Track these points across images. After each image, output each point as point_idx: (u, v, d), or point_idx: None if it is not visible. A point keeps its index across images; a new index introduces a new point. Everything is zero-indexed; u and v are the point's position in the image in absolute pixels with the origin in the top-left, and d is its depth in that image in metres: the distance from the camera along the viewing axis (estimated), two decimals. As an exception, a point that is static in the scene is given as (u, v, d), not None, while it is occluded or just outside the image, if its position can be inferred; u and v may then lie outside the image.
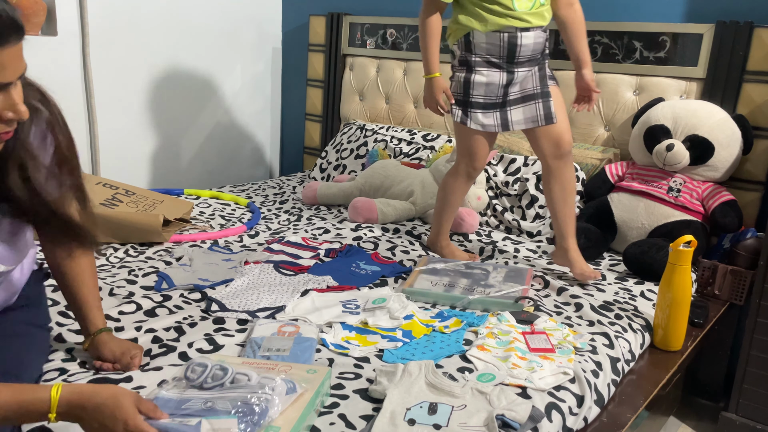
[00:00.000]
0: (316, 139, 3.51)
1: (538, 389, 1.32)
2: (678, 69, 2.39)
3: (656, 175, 2.29)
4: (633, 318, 1.75)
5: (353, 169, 2.99)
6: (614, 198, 2.34)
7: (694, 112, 2.23)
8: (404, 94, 3.11)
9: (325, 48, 3.36)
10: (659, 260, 1.98)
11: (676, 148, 2.20)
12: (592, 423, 1.34)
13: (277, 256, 2.05)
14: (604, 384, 1.43)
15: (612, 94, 2.53)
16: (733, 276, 2.08)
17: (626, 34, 2.48)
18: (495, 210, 2.55)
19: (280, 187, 3.09)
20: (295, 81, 3.64)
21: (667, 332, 1.71)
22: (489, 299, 1.74)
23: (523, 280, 1.88)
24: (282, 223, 2.51)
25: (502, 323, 1.60)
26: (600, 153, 2.52)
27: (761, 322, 1.89)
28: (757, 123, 2.24)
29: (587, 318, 1.72)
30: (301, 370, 1.25)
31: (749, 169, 2.28)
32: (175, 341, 1.46)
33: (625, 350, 1.59)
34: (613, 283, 2.02)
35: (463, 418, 1.19)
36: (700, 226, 2.18)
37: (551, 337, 1.55)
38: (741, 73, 2.26)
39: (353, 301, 1.71)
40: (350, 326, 1.57)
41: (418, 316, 1.64)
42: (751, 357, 1.92)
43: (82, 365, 1.33)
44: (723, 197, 2.19)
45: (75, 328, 1.47)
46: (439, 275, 1.90)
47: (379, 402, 1.23)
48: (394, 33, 3.12)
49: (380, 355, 1.45)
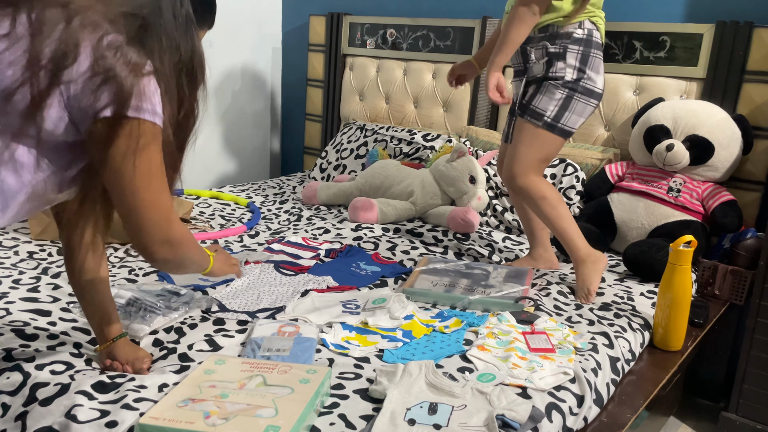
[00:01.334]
0: (316, 139, 3.51)
1: (538, 389, 1.32)
2: (678, 69, 2.39)
3: (656, 175, 2.29)
4: (632, 317, 1.75)
5: (353, 169, 2.99)
6: (614, 198, 2.34)
7: (694, 112, 2.23)
8: (404, 94, 3.11)
9: (325, 48, 3.36)
10: (659, 260, 1.98)
11: (676, 148, 2.20)
12: (592, 423, 1.34)
13: (277, 256, 2.05)
14: (604, 384, 1.43)
15: (612, 94, 2.53)
16: (733, 276, 2.08)
17: (626, 33, 2.48)
18: (495, 210, 2.55)
19: (280, 187, 3.09)
20: (295, 81, 3.64)
21: (668, 332, 1.71)
22: (489, 299, 1.74)
23: (523, 280, 1.88)
24: (282, 223, 2.51)
25: (503, 323, 1.60)
26: (600, 153, 2.52)
27: (761, 322, 1.89)
28: (757, 123, 2.24)
29: (587, 318, 1.72)
30: (301, 370, 1.25)
31: (749, 169, 2.28)
32: (175, 343, 1.46)
33: (625, 350, 1.59)
34: (613, 283, 2.02)
35: (463, 418, 1.19)
36: (700, 226, 2.18)
37: (551, 337, 1.55)
38: (741, 73, 2.26)
39: (353, 302, 1.71)
40: (350, 326, 1.57)
41: (419, 316, 1.64)
42: (752, 357, 1.92)
43: (88, 363, 1.34)
44: (723, 197, 2.19)
45: (78, 326, 1.47)
46: (440, 275, 1.90)
47: (379, 402, 1.23)
48: (394, 33, 3.12)
49: (380, 355, 1.45)
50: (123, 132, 0.97)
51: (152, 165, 1.02)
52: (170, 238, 1.08)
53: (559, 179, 2.47)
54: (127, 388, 1.20)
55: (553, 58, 1.82)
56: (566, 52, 1.81)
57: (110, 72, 0.94)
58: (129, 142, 0.98)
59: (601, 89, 1.87)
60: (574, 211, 2.42)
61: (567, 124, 1.85)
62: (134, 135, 0.98)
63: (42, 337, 1.41)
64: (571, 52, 1.81)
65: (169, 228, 1.08)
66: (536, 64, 1.86)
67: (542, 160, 1.90)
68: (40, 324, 1.48)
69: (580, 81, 1.82)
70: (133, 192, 1.01)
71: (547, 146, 1.88)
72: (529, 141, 1.87)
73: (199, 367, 1.26)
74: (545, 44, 1.83)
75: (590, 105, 1.86)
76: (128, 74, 0.95)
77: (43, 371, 1.26)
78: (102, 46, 0.94)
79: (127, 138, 0.97)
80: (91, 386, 1.19)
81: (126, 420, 1.11)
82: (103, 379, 1.23)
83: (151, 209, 1.04)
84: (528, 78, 1.89)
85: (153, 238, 1.06)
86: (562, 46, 1.81)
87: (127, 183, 1.00)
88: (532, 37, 1.85)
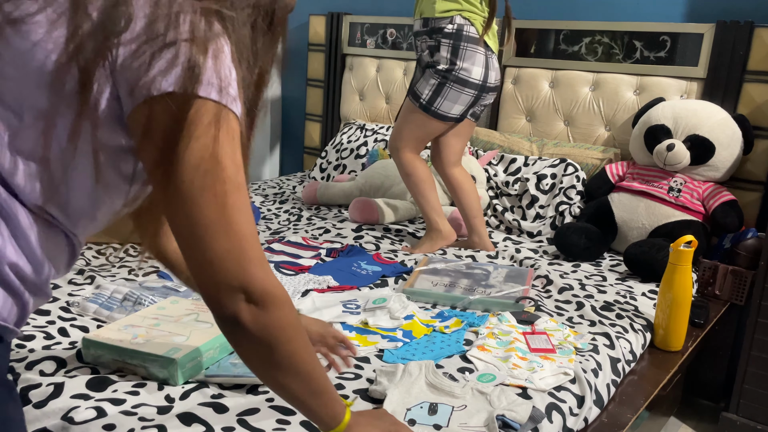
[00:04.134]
0: (316, 139, 3.51)
1: (538, 389, 1.32)
2: (678, 69, 2.39)
3: (657, 175, 2.28)
4: (634, 318, 1.75)
5: (353, 169, 2.99)
6: (615, 198, 2.34)
7: (695, 112, 2.23)
8: (404, 93, 3.11)
9: (325, 48, 3.36)
10: (660, 260, 1.97)
11: (677, 148, 2.20)
12: (592, 423, 1.34)
13: (277, 256, 2.05)
14: (604, 384, 1.43)
15: (612, 93, 2.53)
16: (733, 276, 2.08)
17: (627, 33, 2.48)
18: (495, 210, 2.55)
19: (280, 187, 3.08)
20: (295, 81, 3.64)
21: (668, 332, 1.70)
22: (490, 299, 1.74)
23: (523, 280, 1.87)
24: (282, 223, 2.50)
25: (503, 323, 1.60)
26: (600, 153, 2.52)
27: (762, 322, 1.89)
28: (758, 123, 2.24)
29: (588, 318, 1.72)
30: None
31: (750, 169, 2.28)
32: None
33: (626, 350, 1.59)
34: (614, 283, 2.02)
35: (463, 418, 1.18)
36: (701, 226, 2.17)
37: (552, 337, 1.55)
38: (741, 73, 2.25)
39: (354, 301, 1.71)
40: (350, 326, 1.57)
41: (419, 316, 1.64)
42: (752, 357, 1.91)
43: (78, 358, 1.33)
44: (723, 197, 2.19)
45: (79, 324, 1.47)
46: (440, 275, 1.90)
47: (379, 402, 1.23)
48: (394, 33, 3.12)
49: (380, 355, 1.45)
50: (183, 118, 0.69)
51: (223, 169, 0.72)
52: (250, 285, 0.73)
53: (559, 179, 2.47)
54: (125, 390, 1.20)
55: (432, 49, 2.10)
56: (440, 45, 2.06)
57: (171, 38, 0.69)
58: (195, 132, 0.69)
59: (478, 79, 2.07)
60: (575, 211, 2.42)
61: (440, 108, 2.09)
62: (201, 122, 0.70)
63: (39, 338, 1.40)
64: (443, 45, 2.05)
65: (248, 267, 0.73)
66: (422, 54, 2.15)
67: (418, 138, 2.16)
68: (38, 323, 1.48)
69: (452, 71, 2.05)
70: (196, 209, 0.71)
71: (423, 126, 2.13)
72: (407, 117, 2.16)
73: (155, 304, 1.47)
74: (425, 38, 2.11)
75: (465, 93, 2.08)
76: (196, 39, 0.69)
77: (32, 371, 1.25)
78: (160, 3, 0.70)
79: (193, 126, 0.69)
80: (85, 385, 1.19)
81: (124, 424, 1.10)
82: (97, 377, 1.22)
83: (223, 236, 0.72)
84: (421, 65, 2.18)
85: (223, 279, 0.72)
86: (436, 40, 2.07)
87: (185, 192, 0.70)
88: (419, 30, 2.13)
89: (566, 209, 2.42)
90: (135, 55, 0.68)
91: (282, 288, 0.78)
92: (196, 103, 0.69)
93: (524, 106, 2.76)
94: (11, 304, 0.73)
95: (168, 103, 0.68)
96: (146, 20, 0.69)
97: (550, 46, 2.68)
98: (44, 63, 0.69)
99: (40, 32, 0.69)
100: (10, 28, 0.70)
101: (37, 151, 0.71)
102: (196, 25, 0.70)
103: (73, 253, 0.82)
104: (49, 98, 0.69)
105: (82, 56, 0.68)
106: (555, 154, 2.58)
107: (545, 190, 2.48)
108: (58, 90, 0.69)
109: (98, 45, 0.68)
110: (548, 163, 2.53)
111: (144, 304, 1.55)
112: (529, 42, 2.74)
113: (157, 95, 0.68)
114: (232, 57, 0.73)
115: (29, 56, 0.69)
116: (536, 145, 2.65)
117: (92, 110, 0.70)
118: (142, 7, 0.69)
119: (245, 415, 1.15)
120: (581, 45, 2.58)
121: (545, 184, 2.48)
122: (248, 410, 1.16)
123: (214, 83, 0.70)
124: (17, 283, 0.73)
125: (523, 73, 2.75)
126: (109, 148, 0.73)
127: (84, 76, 0.68)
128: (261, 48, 0.79)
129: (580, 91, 2.60)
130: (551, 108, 2.68)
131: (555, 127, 2.69)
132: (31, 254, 0.73)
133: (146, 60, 0.68)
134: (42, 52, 0.69)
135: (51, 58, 0.69)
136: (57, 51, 0.69)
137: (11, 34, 0.70)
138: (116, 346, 1.26)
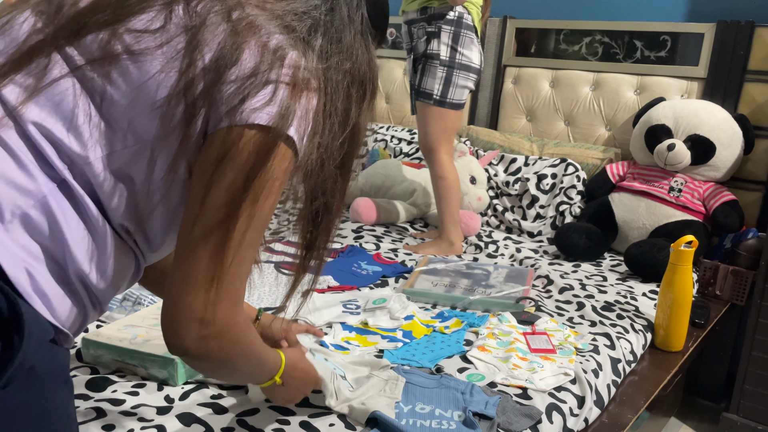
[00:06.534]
0: (317, 139, 3.51)
1: (538, 390, 1.32)
2: (679, 68, 2.39)
3: (657, 175, 2.28)
4: (635, 318, 1.75)
5: (353, 169, 2.98)
6: (615, 198, 2.34)
7: (695, 112, 2.23)
8: (404, 93, 3.11)
9: (325, 48, 3.35)
10: (660, 260, 1.97)
11: (678, 148, 2.20)
12: (592, 424, 1.34)
13: (277, 256, 2.05)
14: (604, 384, 1.43)
15: (613, 93, 2.52)
16: (734, 276, 2.08)
17: (627, 33, 2.48)
18: (496, 210, 2.55)
19: (280, 187, 3.08)
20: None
21: (668, 333, 1.70)
22: (490, 300, 1.74)
23: (524, 280, 1.87)
24: (282, 223, 2.50)
25: (503, 324, 1.59)
26: (601, 153, 2.52)
27: (762, 322, 1.88)
28: (759, 123, 2.24)
29: (589, 318, 1.72)
30: None
31: (750, 168, 2.27)
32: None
33: (627, 351, 1.59)
34: (615, 283, 2.02)
35: None
36: (702, 226, 2.17)
37: (552, 337, 1.55)
38: (742, 73, 2.25)
39: (353, 302, 1.70)
40: (350, 326, 1.57)
41: (419, 316, 1.64)
42: (753, 357, 1.91)
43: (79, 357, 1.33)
44: (724, 197, 2.19)
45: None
46: (440, 276, 1.90)
47: None
48: (394, 32, 3.12)
49: (380, 355, 1.45)
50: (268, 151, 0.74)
51: (263, 208, 0.78)
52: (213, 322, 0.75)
53: (560, 179, 2.46)
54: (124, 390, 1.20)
55: (430, 36, 2.11)
56: (440, 32, 2.09)
57: (272, 78, 0.74)
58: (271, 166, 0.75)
59: (478, 64, 2.15)
60: (575, 211, 2.42)
61: (454, 98, 2.13)
62: (280, 160, 0.75)
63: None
64: (444, 31, 2.08)
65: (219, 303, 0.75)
66: (419, 41, 2.16)
67: (445, 133, 2.18)
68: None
69: (455, 58, 2.10)
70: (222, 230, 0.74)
71: (443, 120, 2.16)
72: (426, 120, 2.17)
73: (155, 304, 1.47)
74: (423, 24, 2.12)
75: (469, 79, 2.15)
76: (293, 83, 0.75)
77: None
78: (268, 48, 0.75)
79: (271, 161, 0.75)
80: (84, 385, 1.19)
81: (123, 425, 1.10)
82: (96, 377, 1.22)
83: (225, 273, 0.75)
84: (414, 55, 2.19)
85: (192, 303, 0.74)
86: (437, 26, 2.09)
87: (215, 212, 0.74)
88: (415, 18, 2.14)
89: (567, 209, 2.42)
90: (237, 91, 0.73)
91: (238, 318, 0.79)
92: (281, 141, 0.75)
93: (524, 105, 2.76)
94: (75, 314, 0.76)
95: (257, 134, 0.73)
96: (253, 64, 0.74)
97: (551, 46, 2.68)
98: (155, 95, 0.74)
99: (156, 66, 0.74)
100: (129, 58, 0.74)
101: (136, 173, 0.75)
102: (297, 73, 0.76)
103: (137, 274, 0.84)
104: (158, 128, 0.74)
105: (191, 93, 0.73)
106: (555, 154, 2.58)
107: (546, 190, 2.48)
108: (167, 121, 0.74)
109: (207, 85, 0.74)
110: (548, 163, 2.53)
111: (144, 304, 1.55)
112: (529, 42, 2.74)
113: (247, 124, 0.73)
114: (317, 111, 0.79)
115: (143, 87, 0.74)
116: (536, 145, 2.65)
117: (190, 140, 0.75)
118: (252, 52, 0.75)
119: (245, 415, 1.15)
120: (581, 45, 2.58)
121: (546, 184, 2.48)
122: (248, 410, 1.16)
123: (300, 130, 0.76)
124: (83, 292, 0.76)
125: (523, 73, 2.75)
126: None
127: (189, 110, 0.74)
128: (353, 109, 0.86)
129: (581, 90, 2.60)
130: (551, 108, 2.68)
131: (555, 126, 2.69)
132: (102, 268, 0.76)
133: (245, 93, 0.73)
134: (154, 84, 0.74)
135: (162, 93, 0.74)
136: (169, 85, 0.74)
137: (129, 64, 0.74)
138: (116, 346, 1.26)
